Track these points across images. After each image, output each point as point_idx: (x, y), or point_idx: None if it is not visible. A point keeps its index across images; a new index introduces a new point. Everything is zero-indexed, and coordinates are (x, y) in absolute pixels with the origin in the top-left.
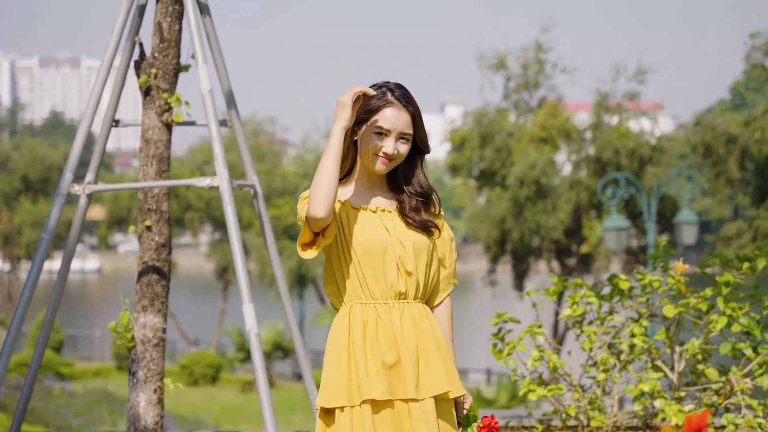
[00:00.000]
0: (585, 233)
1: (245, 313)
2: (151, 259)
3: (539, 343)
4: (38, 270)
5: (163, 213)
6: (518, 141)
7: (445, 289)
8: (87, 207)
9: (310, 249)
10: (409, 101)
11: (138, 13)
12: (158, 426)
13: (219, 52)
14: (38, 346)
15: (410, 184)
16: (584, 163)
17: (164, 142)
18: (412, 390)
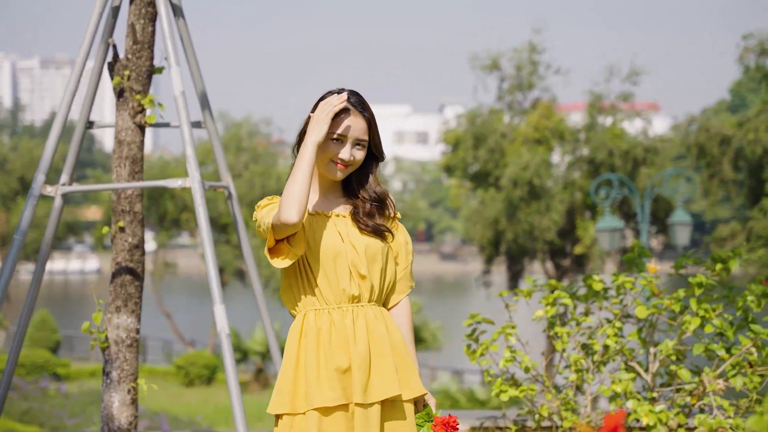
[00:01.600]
0: (579, 234)
1: (216, 314)
2: (124, 260)
3: (511, 343)
4: (10, 271)
5: (136, 214)
6: (512, 142)
7: (402, 291)
8: (62, 208)
9: (279, 258)
10: (364, 108)
11: (112, 15)
12: (132, 426)
13: (193, 54)
14: (13, 347)
15: (364, 190)
16: (578, 164)
17: (137, 144)
18: (359, 395)
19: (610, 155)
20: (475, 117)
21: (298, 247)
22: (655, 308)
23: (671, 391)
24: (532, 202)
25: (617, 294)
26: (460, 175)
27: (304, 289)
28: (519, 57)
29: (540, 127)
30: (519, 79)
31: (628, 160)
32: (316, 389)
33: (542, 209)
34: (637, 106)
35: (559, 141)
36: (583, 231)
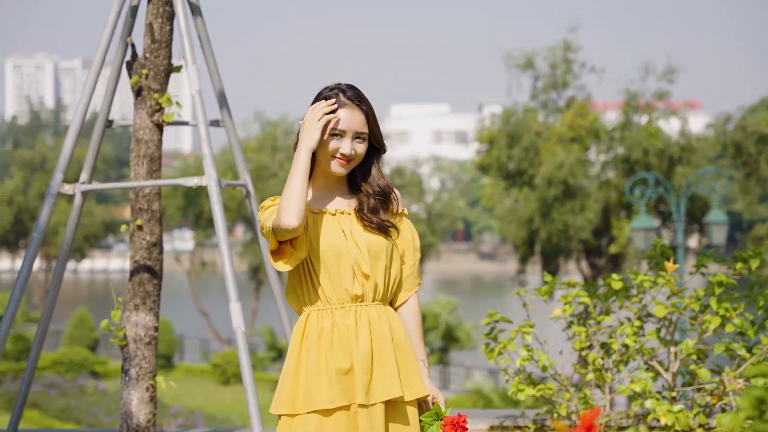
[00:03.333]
0: (614, 233)
1: (232, 311)
2: (142, 258)
3: (527, 342)
4: (29, 268)
5: (154, 212)
6: (546, 141)
7: (410, 288)
8: (82, 207)
9: (282, 260)
10: (361, 100)
11: (131, 14)
12: (150, 424)
13: (211, 52)
14: (35, 344)
15: (368, 184)
16: (613, 163)
17: (155, 142)
18: (361, 395)
19: (646, 154)
20: (509, 116)
21: (300, 250)
22: (675, 307)
23: (692, 391)
24: (566, 202)
25: (637, 293)
26: (494, 174)
27: (307, 290)
28: (553, 55)
29: (575, 125)
30: (554, 77)
31: (663, 159)
32: (316, 391)
33: (577, 208)
34: (675, 104)
35: (594, 140)
36: (618, 230)
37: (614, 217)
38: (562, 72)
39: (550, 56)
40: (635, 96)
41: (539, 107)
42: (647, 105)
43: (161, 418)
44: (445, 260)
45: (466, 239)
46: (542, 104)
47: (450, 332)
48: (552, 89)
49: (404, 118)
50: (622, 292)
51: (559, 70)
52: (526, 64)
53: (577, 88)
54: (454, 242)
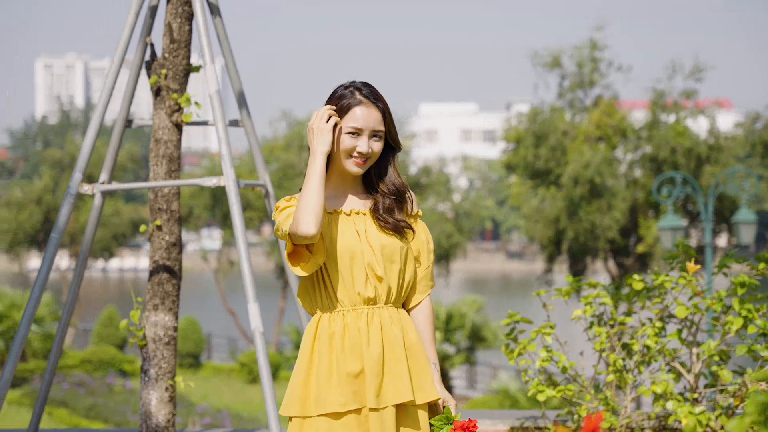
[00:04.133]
0: (641, 233)
1: (250, 312)
2: (161, 258)
3: (547, 343)
4: (48, 268)
5: (173, 212)
6: (573, 140)
7: (423, 291)
8: (102, 207)
9: (299, 265)
10: (377, 98)
11: (150, 14)
12: (170, 424)
13: (230, 52)
14: (55, 343)
15: (383, 183)
16: (640, 162)
17: (174, 142)
18: (372, 399)
19: (673, 153)
20: (536, 115)
21: (318, 255)
22: (696, 308)
23: (714, 393)
24: (593, 201)
25: (659, 294)
26: (521, 174)
27: (319, 291)
28: (580, 54)
29: (602, 124)
30: (580, 76)
31: (691, 158)
32: (327, 394)
33: (604, 208)
34: (703, 103)
35: (621, 139)
36: (645, 230)
37: (641, 216)
38: (588, 70)
39: (577, 55)
40: (663, 95)
41: (566, 106)
42: (675, 104)
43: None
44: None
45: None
46: (569, 103)
47: (476, 332)
48: (579, 88)
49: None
50: (643, 292)
51: (586, 68)
52: (553, 62)
53: (604, 87)
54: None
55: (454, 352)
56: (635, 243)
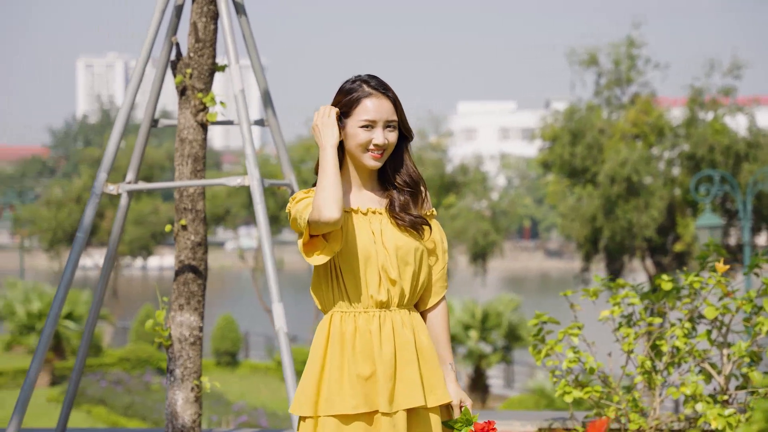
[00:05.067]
0: (679, 231)
1: (274, 312)
2: (187, 258)
3: (574, 344)
4: (73, 267)
5: (198, 212)
6: (610, 138)
7: (439, 293)
8: (128, 207)
9: (315, 253)
10: (386, 88)
11: (175, 14)
12: (196, 424)
13: (255, 52)
14: (82, 343)
15: (400, 174)
16: (678, 160)
17: (199, 142)
18: (384, 403)
19: (711, 151)
20: (573, 113)
21: (335, 242)
22: (726, 309)
23: (745, 395)
24: (630, 199)
25: (689, 294)
26: (557, 172)
27: (332, 289)
28: (617, 52)
29: (639, 122)
30: (617, 74)
31: (729, 156)
32: (337, 395)
33: (641, 206)
34: (742, 100)
35: (659, 137)
36: (683, 228)
37: (679, 214)
38: (625, 68)
39: (614, 52)
40: (700, 92)
41: (603, 104)
42: (713, 101)
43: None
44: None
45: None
46: (606, 101)
47: (513, 331)
48: (616, 85)
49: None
50: (673, 293)
51: (623, 66)
52: (590, 60)
53: (642, 85)
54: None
55: (490, 351)
56: (673, 241)
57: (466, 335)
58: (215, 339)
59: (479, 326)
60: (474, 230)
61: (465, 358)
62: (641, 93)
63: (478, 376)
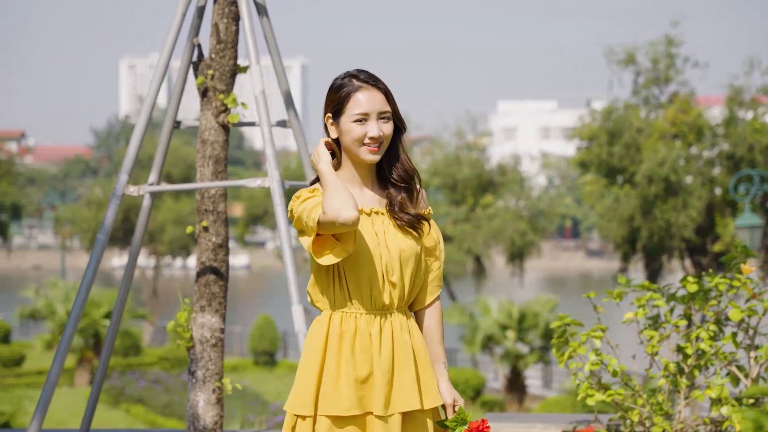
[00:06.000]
0: (719, 231)
1: (294, 314)
2: (208, 259)
3: (596, 346)
4: (94, 269)
5: (219, 214)
6: (648, 137)
7: (434, 292)
8: (150, 208)
9: (326, 254)
10: (376, 80)
11: (197, 15)
12: (217, 426)
13: (277, 52)
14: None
15: (395, 167)
16: (717, 159)
17: (221, 143)
18: (379, 407)
19: (751, 150)
20: (610, 112)
21: (348, 243)
22: (752, 311)
23: None
24: (668, 199)
25: (715, 296)
26: (594, 171)
27: (333, 289)
28: (655, 50)
29: (677, 121)
30: (656, 72)
31: None
32: (332, 396)
33: (679, 206)
34: None
35: (698, 136)
36: (722, 228)
37: (718, 214)
38: (664, 67)
39: (652, 51)
40: (740, 91)
41: (641, 103)
42: (753, 100)
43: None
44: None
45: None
46: (644, 100)
47: (550, 331)
48: (654, 85)
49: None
50: (699, 294)
51: (661, 65)
52: (628, 59)
53: (680, 84)
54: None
55: (527, 352)
56: (712, 242)
57: (503, 335)
58: (253, 339)
59: (516, 326)
60: (511, 230)
61: (502, 358)
62: (680, 92)
63: (515, 376)
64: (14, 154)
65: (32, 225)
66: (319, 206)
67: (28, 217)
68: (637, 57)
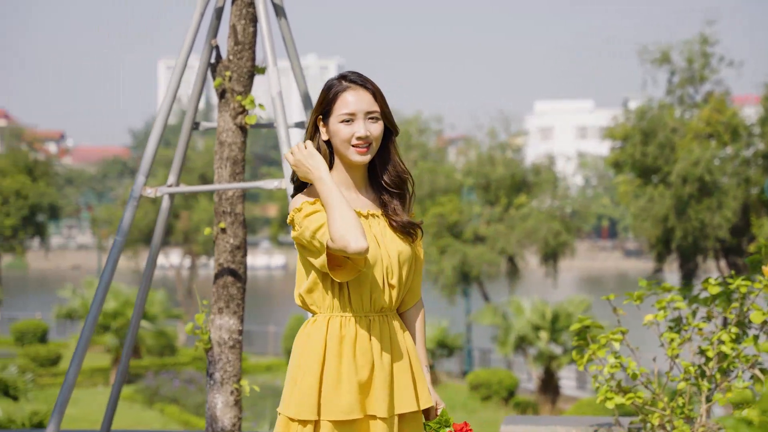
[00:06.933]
0: (754, 231)
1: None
2: (226, 261)
3: (615, 349)
4: (111, 271)
5: (237, 215)
6: (682, 137)
7: (418, 294)
8: (170, 209)
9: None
10: (365, 80)
11: (215, 16)
12: (236, 428)
13: (295, 54)
14: (127, 342)
15: (387, 171)
16: (753, 159)
17: (238, 145)
18: (383, 409)
19: None
20: (644, 112)
21: (360, 263)
22: None
23: None
24: (703, 199)
25: (738, 298)
26: (628, 171)
27: (332, 293)
28: (690, 49)
29: (712, 121)
30: (690, 72)
31: None
32: (334, 401)
33: (714, 206)
34: None
35: (733, 136)
36: (758, 228)
37: (754, 215)
38: (699, 66)
39: (687, 50)
40: None
41: (675, 102)
42: None
43: None
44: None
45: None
46: (678, 99)
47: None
48: (688, 84)
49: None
50: (722, 297)
51: (696, 64)
52: (662, 58)
53: (715, 83)
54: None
55: (561, 353)
56: (748, 242)
57: (536, 336)
58: (286, 338)
59: (549, 327)
60: (545, 230)
61: (535, 359)
62: (715, 91)
63: (548, 377)
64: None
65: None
66: (325, 227)
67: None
68: (672, 56)
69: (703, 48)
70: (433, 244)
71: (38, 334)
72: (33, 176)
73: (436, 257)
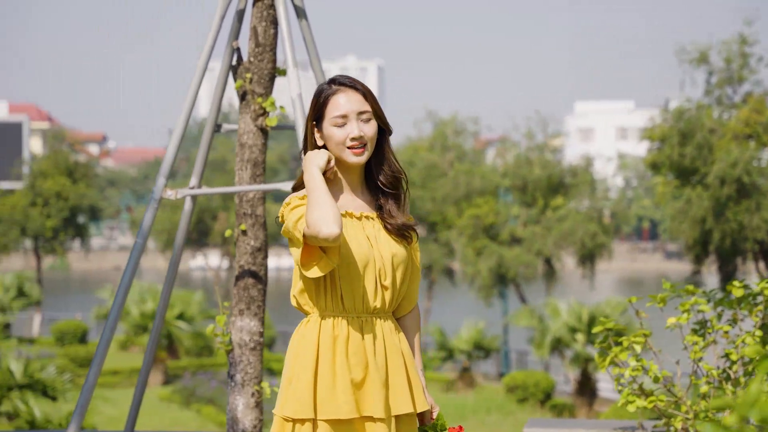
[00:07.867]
0: None
1: None
2: (247, 263)
3: (636, 352)
4: (131, 273)
5: (258, 217)
6: (721, 138)
7: (415, 299)
8: (192, 211)
9: (313, 266)
10: (354, 82)
11: (237, 18)
12: (256, 430)
13: (316, 55)
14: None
15: (382, 171)
16: None
17: (259, 147)
18: (379, 410)
19: None
20: (682, 112)
21: (333, 255)
22: None
23: None
24: (741, 201)
25: (764, 300)
26: (666, 172)
27: (325, 293)
28: (728, 50)
29: (751, 122)
30: (729, 72)
31: None
32: (330, 400)
33: (752, 208)
34: None
35: None
36: None
37: None
38: (737, 66)
39: (725, 50)
40: None
41: (714, 103)
42: None
43: None
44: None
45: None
46: (717, 100)
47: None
48: (727, 84)
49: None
50: (747, 299)
51: (735, 64)
52: (700, 58)
53: (754, 83)
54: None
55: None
56: None
57: (572, 338)
58: None
59: (585, 329)
60: (582, 232)
61: (572, 361)
62: (754, 92)
63: (585, 379)
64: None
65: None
66: (303, 218)
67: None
68: (710, 56)
69: (741, 48)
70: (469, 246)
71: (78, 334)
72: (73, 178)
73: (472, 259)
